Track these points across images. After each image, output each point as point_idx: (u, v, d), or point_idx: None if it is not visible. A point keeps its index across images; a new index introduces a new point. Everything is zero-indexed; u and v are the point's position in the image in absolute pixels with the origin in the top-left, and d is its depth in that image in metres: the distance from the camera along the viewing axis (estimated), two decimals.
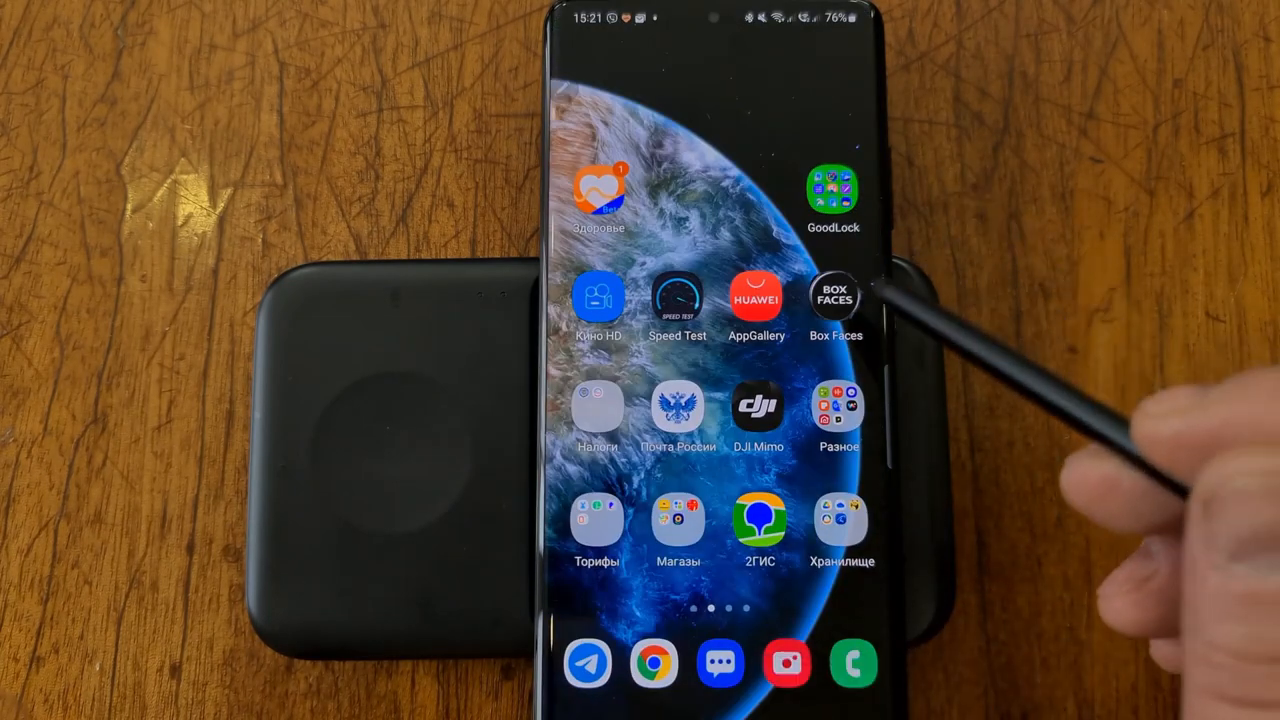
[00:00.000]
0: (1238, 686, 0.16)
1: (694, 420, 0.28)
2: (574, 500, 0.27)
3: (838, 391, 0.28)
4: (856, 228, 0.28)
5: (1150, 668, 0.30)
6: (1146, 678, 0.30)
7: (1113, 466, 0.19)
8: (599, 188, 0.28)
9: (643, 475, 0.27)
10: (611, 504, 0.27)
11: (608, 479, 0.27)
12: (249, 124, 0.33)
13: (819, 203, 0.28)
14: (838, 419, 0.27)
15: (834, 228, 0.28)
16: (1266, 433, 0.17)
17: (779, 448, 0.27)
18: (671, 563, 0.27)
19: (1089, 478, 0.19)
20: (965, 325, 0.23)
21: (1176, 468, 0.18)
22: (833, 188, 0.28)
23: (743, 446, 0.27)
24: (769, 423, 0.27)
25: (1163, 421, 0.18)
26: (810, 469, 0.27)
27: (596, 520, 0.27)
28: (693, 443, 0.27)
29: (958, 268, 0.32)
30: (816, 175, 0.28)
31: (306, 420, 0.29)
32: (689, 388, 0.28)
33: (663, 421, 0.27)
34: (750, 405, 0.27)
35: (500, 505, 0.28)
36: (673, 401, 0.28)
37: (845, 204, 0.28)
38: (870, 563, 0.27)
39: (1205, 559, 0.17)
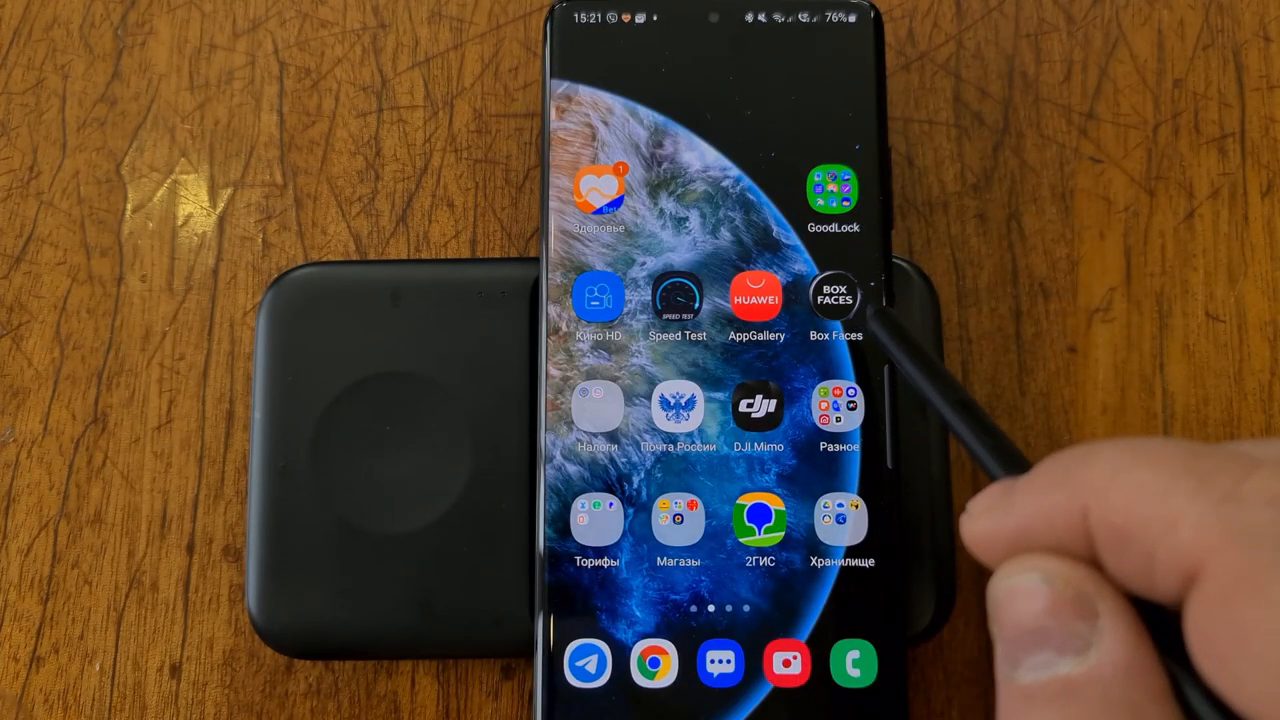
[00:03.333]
0: None
1: (694, 420, 0.28)
2: (574, 500, 0.27)
3: (838, 391, 0.28)
4: (856, 228, 0.28)
5: None
6: None
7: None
8: (599, 188, 0.28)
9: (643, 475, 0.27)
10: (611, 504, 0.27)
11: (608, 479, 0.27)
12: (249, 124, 0.33)
13: (819, 203, 0.28)
14: (838, 419, 0.27)
15: (834, 228, 0.28)
16: (1039, 537, 0.18)
17: (779, 448, 0.27)
18: (671, 563, 0.27)
19: (989, 547, 0.19)
20: (937, 372, 0.23)
21: (997, 563, 0.19)
22: (833, 188, 0.28)
23: (743, 446, 0.27)
24: (769, 423, 0.27)
25: (976, 522, 0.19)
26: (810, 469, 0.27)
27: (596, 520, 0.27)
28: (693, 443, 0.27)
29: (958, 268, 0.32)
30: (816, 175, 0.28)
31: (306, 420, 0.29)
32: (689, 388, 0.28)
33: (663, 421, 0.27)
34: (750, 405, 0.27)
35: (500, 505, 0.28)
36: (673, 401, 0.28)
37: (845, 204, 0.28)
38: (870, 563, 0.27)
39: (999, 668, 0.18)
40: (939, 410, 0.22)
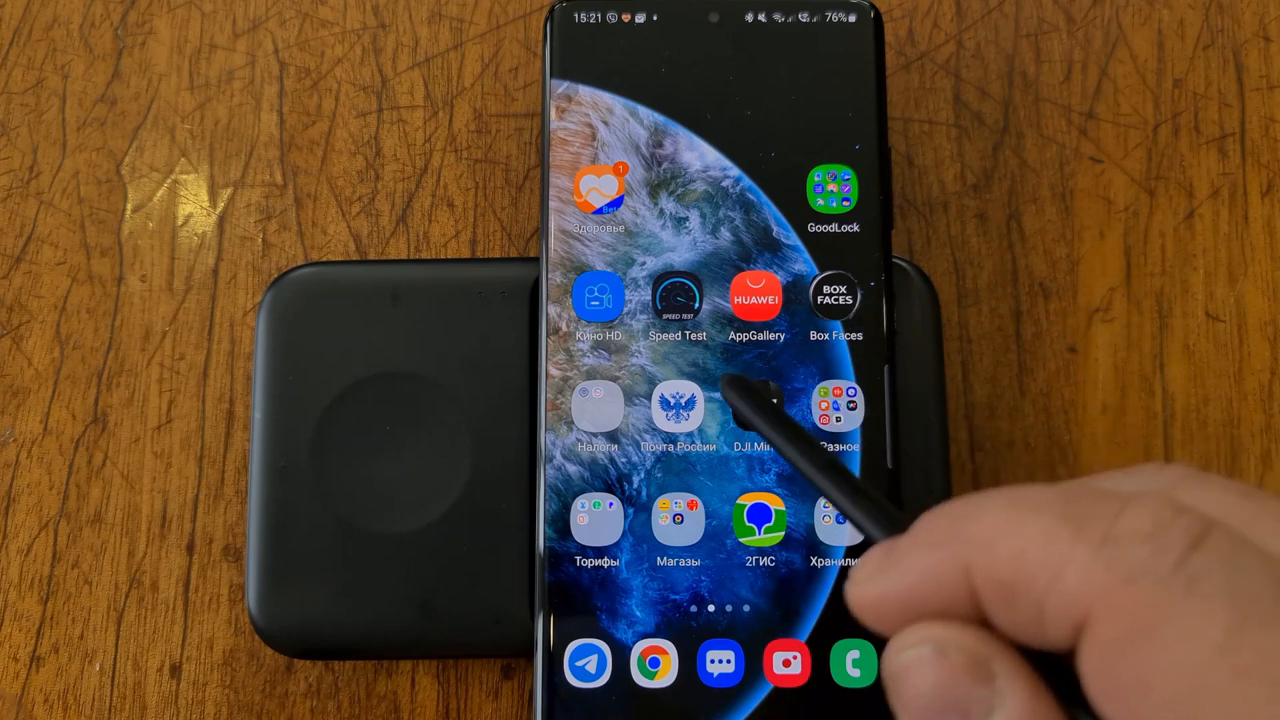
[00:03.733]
0: None
1: (694, 420, 0.28)
2: (574, 500, 0.27)
3: (838, 391, 0.28)
4: (856, 228, 0.28)
5: None
6: None
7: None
8: (599, 188, 0.28)
9: (643, 475, 0.27)
10: (611, 504, 0.27)
11: (608, 479, 0.27)
12: (249, 124, 0.33)
13: (819, 203, 0.28)
14: (838, 419, 0.27)
15: (834, 228, 0.28)
16: (926, 601, 0.18)
17: None
18: (671, 563, 0.27)
19: (875, 612, 0.19)
20: (800, 435, 0.23)
21: (888, 628, 0.19)
22: (833, 188, 0.28)
23: (743, 446, 0.27)
24: None
25: (861, 589, 0.19)
26: None
27: (596, 520, 0.27)
28: (693, 442, 0.27)
29: (958, 268, 0.32)
30: (816, 175, 0.28)
31: (306, 420, 0.29)
32: (689, 388, 0.28)
33: (663, 421, 0.27)
34: None
35: (500, 505, 0.28)
36: (673, 401, 0.28)
37: (845, 204, 0.28)
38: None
39: None
40: (807, 475, 0.22)
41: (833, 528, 0.27)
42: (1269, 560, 0.15)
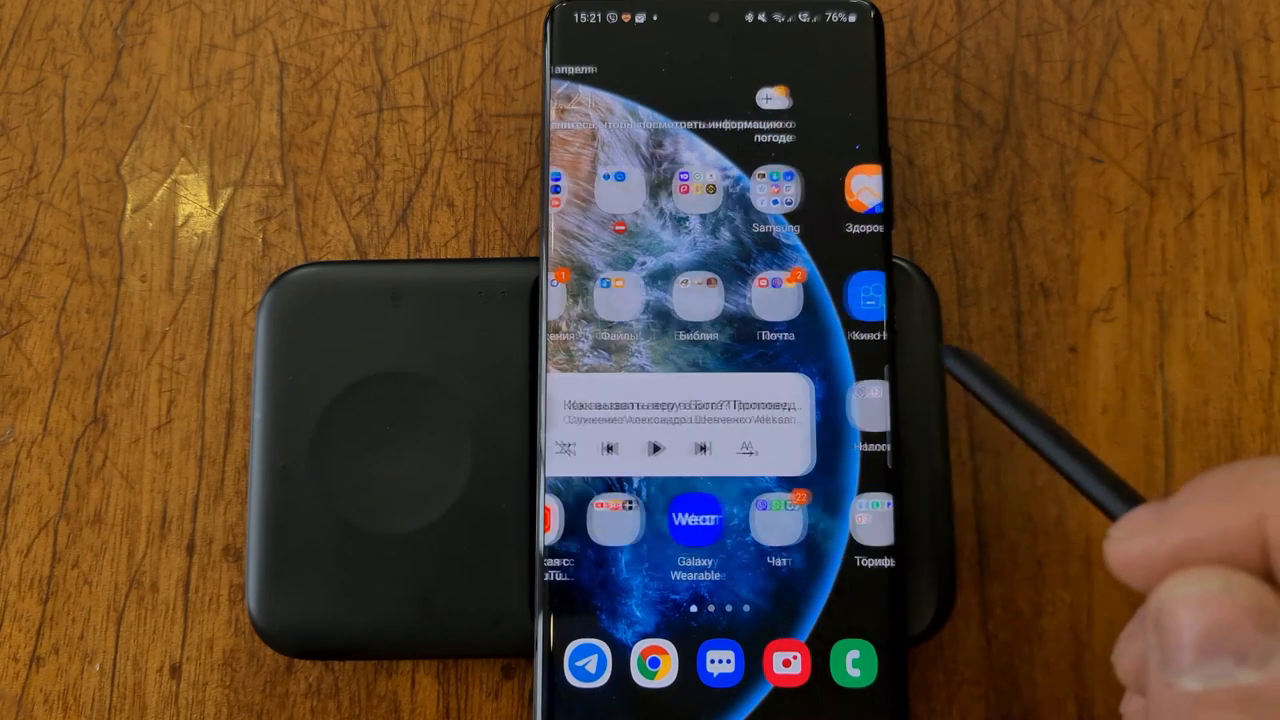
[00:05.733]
0: None
1: None
2: (574, 500, 0.27)
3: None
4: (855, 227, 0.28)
5: None
6: None
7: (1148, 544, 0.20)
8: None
9: (644, 475, 0.27)
10: (612, 504, 0.27)
11: (608, 479, 0.27)
12: (249, 124, 0.33)
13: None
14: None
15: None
16: (1209, 551, 0.18)
17: None
18: (671, 563, 0.27)
19: (1144, 570, 0.19)
20: (1019, 403, 0.23)
21: (1150, 587, 0.19)
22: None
23: None
24: None
25: (1125, 544, 0.19)
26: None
27: (597, 520, 0.27)
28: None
29: (958, 268, 0.32)
30: (816, 175, 0.28)
31: (306, 420, 0.29)
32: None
33: None
34: None
35: (500, 505, 0.28)
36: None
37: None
38: (870, 563, 0.27)
39: (1158, 676, 0.18)
40: (1044, 451, 0.22)
41: (833, 528, 0.27)
42: None
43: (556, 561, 0.27)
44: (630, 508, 0.27)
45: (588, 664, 0.26)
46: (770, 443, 0.27)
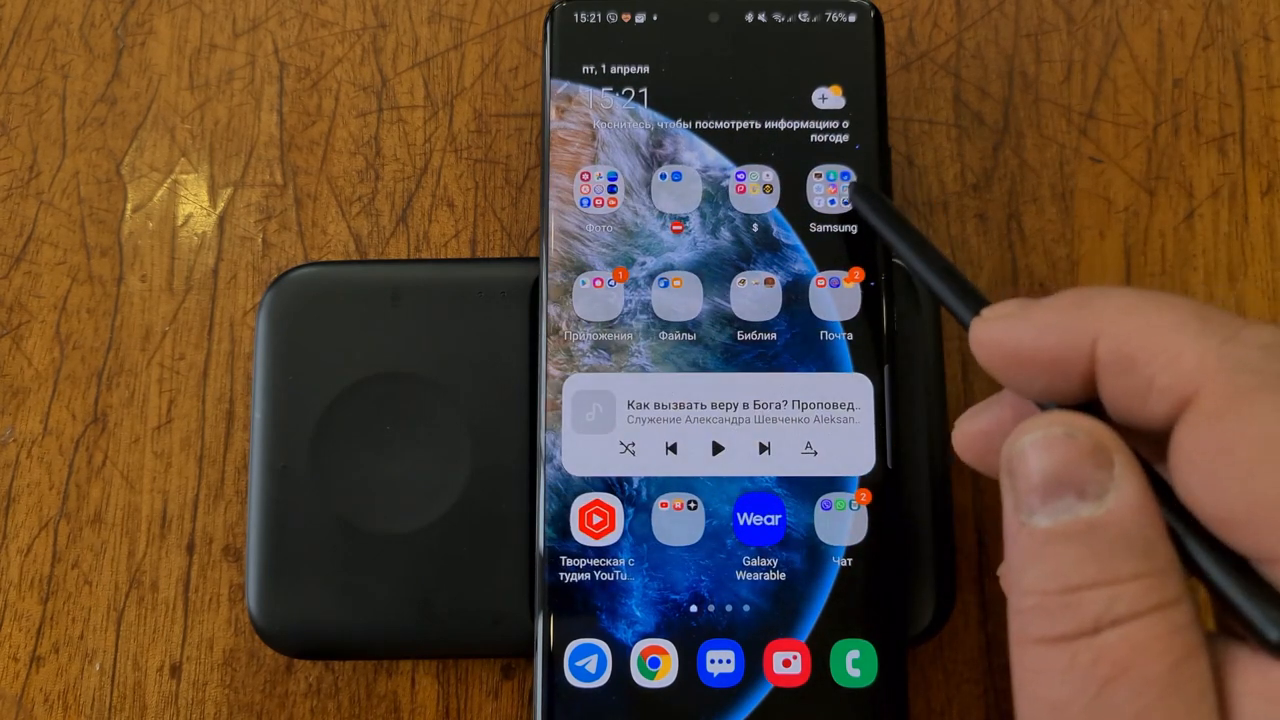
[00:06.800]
0: (1041, 626, 0.19)
1: None
2: (574, 500, 0.27)
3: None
4: (856, 228, 0.28)
5: None
6: None
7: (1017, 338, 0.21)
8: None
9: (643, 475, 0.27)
10: (612, 504, 0.27)
11: (608, 479, 0.27)
12: (249, 124, 0.33)
13: (819, 203, 0.28)
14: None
15: (834, 228, 0.28)
16: (1051, 349, 0.20)
17: None
18: (671, 563, 0.27)
19: (998, 348, 0.21)
20: (911, 232, 0.25)
21: (1000, 371, 0.21)
22: (833, 188, 0.28)
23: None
24: None
25: (991, 326, 0.21)
26: None
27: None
28: None
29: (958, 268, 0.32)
30: (816, 175, 0.28)
31: (306, 420, 0.29)
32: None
33: None
34: None
35: (500, 505, 0.28)
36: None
37: (845, 204, 0.28)
38: (870, 563, 0.27)
39: (1013, 519, 0.19)
40: (914, 268, 0.24)
41: (833, 527, 0.27)
42: None
43: (556, 561, 0.27)
44: (631, 508, 0.27)
45: (588, 664, 0.26)
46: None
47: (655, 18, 0.29)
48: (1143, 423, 0.19)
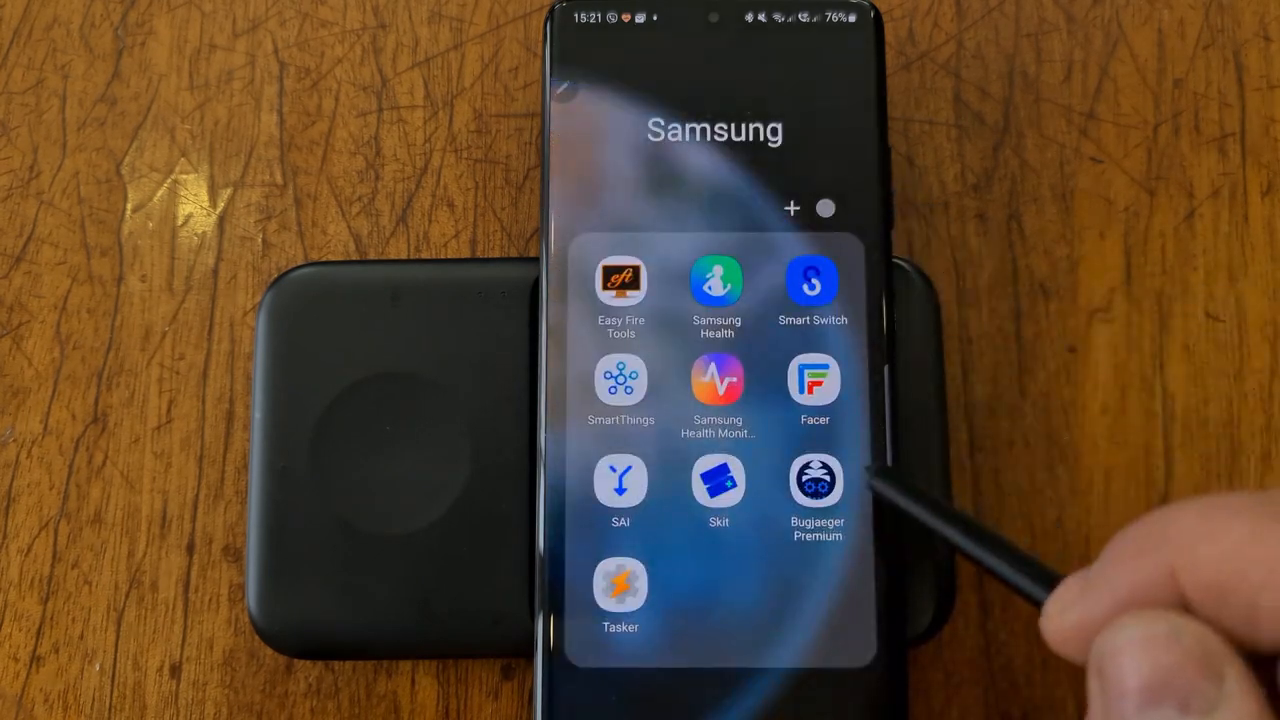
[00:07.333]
0: None
1: None
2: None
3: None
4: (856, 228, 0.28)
5: None
6: None
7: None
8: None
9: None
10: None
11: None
12: (249, 124, 0.33)
13: (818, 202, 0.28)
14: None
15: (834, 228, 0.28)
16: (1139, 602, 0.18)
17: None
18: (671, 560, 0.27)
19: (1079, 641, 0.19)
20: (949, 513, 0.24)
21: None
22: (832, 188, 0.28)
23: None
24: None
25: (1062, 619, 0.19)
26: None
27: None
28: None
29: (958, 268, 0.32)
30: (816, 175, 0.28)
31: (306, 420, 0.29)
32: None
33: None
34: None
35: (500, 505, 0.28)
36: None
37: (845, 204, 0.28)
38: (870, 562, 0.27)
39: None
40: (969, 552, 0.23)
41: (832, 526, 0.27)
42: None
43: (556, 561, 0.27)
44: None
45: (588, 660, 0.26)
46: None
47: (655, 18, 0.29)
48: (1261, 648, 0.17)
